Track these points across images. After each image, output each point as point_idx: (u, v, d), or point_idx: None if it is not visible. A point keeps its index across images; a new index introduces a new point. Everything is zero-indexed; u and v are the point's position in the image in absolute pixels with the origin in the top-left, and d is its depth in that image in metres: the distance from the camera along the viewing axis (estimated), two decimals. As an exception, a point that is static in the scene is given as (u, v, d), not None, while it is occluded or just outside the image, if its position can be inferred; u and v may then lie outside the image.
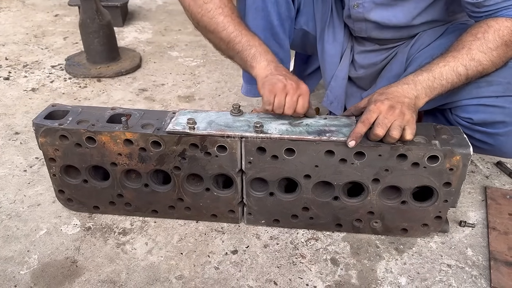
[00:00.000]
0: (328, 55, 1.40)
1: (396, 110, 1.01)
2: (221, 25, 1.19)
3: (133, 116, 1.19)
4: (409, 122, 1.03)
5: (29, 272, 1.14)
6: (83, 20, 2.19)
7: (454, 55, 1.07)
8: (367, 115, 1.03)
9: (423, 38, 1.29)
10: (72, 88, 2.13)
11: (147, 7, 3.33)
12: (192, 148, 1.14)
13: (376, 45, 1.37)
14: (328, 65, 1.42)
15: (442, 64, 1.06)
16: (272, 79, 1.11)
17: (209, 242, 1.24)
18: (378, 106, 1.02)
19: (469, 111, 1.17)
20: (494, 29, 1.06)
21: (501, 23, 1.06)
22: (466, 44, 1.07)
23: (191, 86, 2.17)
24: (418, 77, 1.06)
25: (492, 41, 1.05)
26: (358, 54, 1.41)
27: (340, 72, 1.41)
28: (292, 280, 1.13)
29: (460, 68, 1.05)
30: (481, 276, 1.14)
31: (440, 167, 1.08)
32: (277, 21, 1.30)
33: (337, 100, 1.46)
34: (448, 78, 1.06)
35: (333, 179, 1.15)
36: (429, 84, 1.05)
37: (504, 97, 1.11)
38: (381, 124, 1.02)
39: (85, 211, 1.32)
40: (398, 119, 1.01)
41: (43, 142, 1.17)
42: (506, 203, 1.36)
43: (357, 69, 1.44)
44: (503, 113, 1.11)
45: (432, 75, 1.06)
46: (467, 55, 1.06)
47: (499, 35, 1.05)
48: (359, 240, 1.25)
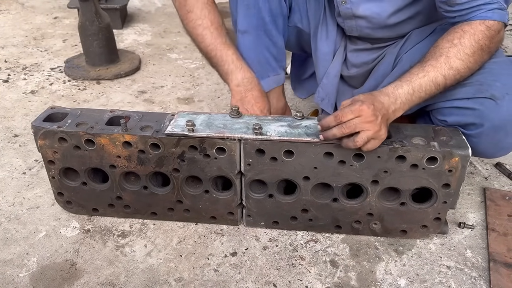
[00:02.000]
0: (321, 53, 1.41)
1: (376, 121, 1.00)
2: (199, 37, 1.28)
3: (132, 119, 1.19)
4: (379, 137, 1.02)
5: (28, 274, 1.14)
6: (82, 23, 2.19)
7: (433, 64, 1.05)
8: (344, 112, 1.00)
9: (411, 39, 1.30)
10: (71, 91, 2.13)
11: (146, 10, 3.33)
12: (191, 150, 1.14)
13: (368, 43, 1.37)
14: (321, 62, 1.42)
15: (421, 75, 1.05)
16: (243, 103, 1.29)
17: (208, 244, 1.24)
18: (362, 109, 0.99)
19: (444, 113, 1.17)
20: (470, 33, 1.05)
21: (475, 27, 1.05)
22: (444, 52, 1.06)
23: (190, 88, 2.17)
24: (399, 90, 1.05)
25: (469, 46, 1.05)
26: (351, 53, 1.41)
27: (332, 69, 1.42)
28: (291, 282, 1.12)
29: (439, 79, 1.05)
30: (480, 277, 1.14)
31: (439, 169, 1.08)
32: (269, 18, 1.30)
33: (328, 97, 1.46)
34: (427, 89, 1.05)
35: (332, 181, 1.15)
36: (408, 98, 1.05)
37: (475, 98, 1.10)
38: (351, 125, 0.99)
39: (84, 214, 1.32)
40: (371, 130, 1.00)
41: (42, 144, 1.17)
42: (505, 204, 1.36)
43: (350, 68, 1.44)
44: (473, 114, 1.11)
45: (412, 87, 1.04)
46: (445, 64, 1.05)
47: (475, 39, 1.05)
48: (359, 241, 1.25)
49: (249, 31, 1.29)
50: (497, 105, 1.07)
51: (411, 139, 1.09)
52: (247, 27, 1.27)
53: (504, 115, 1.08)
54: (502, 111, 1.07)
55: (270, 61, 1.38)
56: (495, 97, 1.08)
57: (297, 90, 1.83)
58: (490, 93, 1.08)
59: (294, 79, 1.80)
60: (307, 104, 2.00)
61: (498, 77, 1.11)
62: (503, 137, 1.12)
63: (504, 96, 1.07)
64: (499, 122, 1.08)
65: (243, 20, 1.29)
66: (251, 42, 1.33)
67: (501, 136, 1.11)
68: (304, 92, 1.80)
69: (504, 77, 1.11)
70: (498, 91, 1.08)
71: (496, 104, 1.07)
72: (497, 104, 1.07)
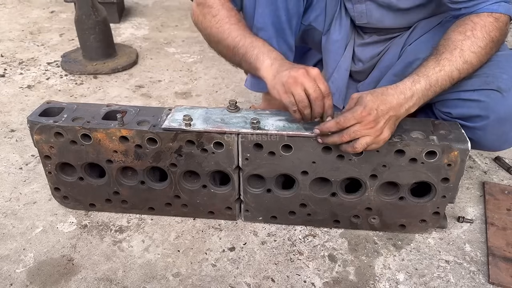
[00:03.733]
0: (334, 47, 1.39)
1: (378, 125, 0.99)
2: (226, 32, 1.20)
3: (128, 113, 1.18)
4: (379, 142, 1.01)
5: (25, 270, 1.13)
6: (78, 17, 2.17)
7: (448, 58, 1.04)
8: (346, 117, 0.99)
9: (416, 30, 1.29)
10: (68, 85, 2.11)
11: (144, 3, 3.31)
12: (188, 144, 1.13)
13: (374, 35, 1.36)
14: (332, 55, 1.41)
15: (438, 69, 1.04)
16: (281, 78, 1.04)
17: (206, 239, 1.23)
18: (363, 116, 0.98)
19: (449, 105, 1.16)
20: (480, 25, 1.04)
21: (485, 19, 1.05)
22: (458, 45, 1.05)
23: (188, 82, 2.16)
24: (416, 85, 1.02)
25: (482, 38, 1.04)
26: (358, 47, 1.41)
27: (344, 63, 1.41)
28: (289, 277, 1.12)
29: (455, 73, 1.04)
30: (479, 271, 1.13)
31: (438, 163, 1.07)
32: (284, 17, 1.28)
33: (339, 92, 1.45)
34: (443, 84, 1.04)
35: (331, 175, 1.14)
36: (424, 93, 1.03)
37: (480, 90, 1.10)
38: (351, 132, 0.99)
39: (81, 209, 1.31)
40: (372, 135, 0.99)
41: (38, 139, 1.16)
42: (504, 198, 1.36)
43: (356, 62, 1.43)
44: (479, 107, 1.10)
45: (429, 82, 1.03)
46: (460, 58, 1.04)
47: (486, 31, 1.04)
48: (357, 236, 1.24)
49: (265, 28, 1.26)
50: (503, 97, 1.07)
51: (410, 133, 1.09)
52: (264, 24, 1.25)
53: (510, 107, 1.07)
54: (508, 103, 1.07)
55: None
56: (501, 89, 1.07)
57: None
58: (496, 85, 1.08)
59: None
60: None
61: (504, 70, 1.10)
62: (509, 129, 1.11)
63: (510, 88, 1.07)
64: (505, 114, 1.08)
65: (260, 17, 1.27)
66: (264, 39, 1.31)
67: (506, 128, 1.11)
68: None
69: (511, 69, 1.11)
70: (504, 83, 1.08)
71: (502, 96, 1.07)
72: (503, 96, 1.07)
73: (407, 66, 1.25)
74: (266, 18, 1.27)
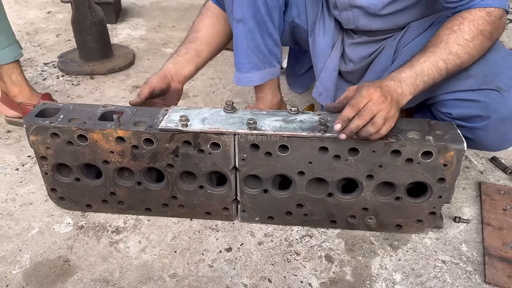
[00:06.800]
0: (319, 48, 1.40)
1: (387, 101, 1.00)
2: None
3: (125, 114, 1.18)
4: (392, 117, 1.02)
5: (21, 271, 1.13)
6: (75, 17, 2.17)
7: (433, 50, 1.06)
8: (357, 100, 1.01)
9: (410, 31, 1.29)
10: (65, 86, 2.11)
11: (141, 4, 3.30)
12: (185, 145, 1.13)
13: (365, 36, 1.36)
14: (319, 57, 1.41)
15: (422, 60, 1.05)
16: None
17: (203, 240, 1.23)
18: (370, 93, 1.00)
19: (448, 106, 1.17)
20: (469, 20, 1.05)
21: (475, 13, 1.06)
22: (444, 38, 1.06)
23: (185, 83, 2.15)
24: (401, 74, 1.05)
25: (468, 31, 1.05)
26: (348, 47, 1.41)
27: (330, 63, 1.41)
28: (286, 277, 1.12)
29: (440, 63, 1.05)
30: (475, 271, 1.14)
31: (434, 163, 1.08)
32: (264, 9, 1.29)
33: (326, 92, 1.45)
34: (430, 74, 1.05)
35: (327, 176, 1.14)
36: (412, 81, 1.05)
37: (479, 90, 1.10)
38: (368, 110, 0.99)
39: (78, 210, 1.31)
40: (385, 109, 1.00)
41: (34, 140, 1.16)
42: (501, 198, 1.36)
43: (347, 63, 1.43)
44: (479, 107, 1.10)
45: (414, 71, 1.05)
46: (445, 49, 1.05)
47: (474, 25, 1.05)
48: (354, 236, 1.25)
49: (245, 20, 1.28)
50: (503, 97, 1.07)
51: (406, 133, 1.09)
52: (242, 16, 1.26)
53: (510, 107, 1.08)
54: (509, 103, 1.07)
55: (264, 52, 1.37)
56: (501, 89, 1.08)
57: (293, 85, 1.82)
58: (496, 85, 1.08)
59: (290, 74, 1.79)
60: (302, 99, 1.99)
61: (502, 69, 1.11)
62: (509, 129, 1.12)
63: (509, 88, 1.07)
64: (506, 114, 1.09)
65: (238, 8, 1.28)
66: (246, 31, 1.32)
67: (507, 128, 1.11)
68: (300, 87, 1.79)
69: (509, 69, 1.11)
70: (503, 83, 1.08)
71: (502, 96, 1.07)
72: (503, 96, 1.07)
73: None
74: (245, 9, 1.28)
